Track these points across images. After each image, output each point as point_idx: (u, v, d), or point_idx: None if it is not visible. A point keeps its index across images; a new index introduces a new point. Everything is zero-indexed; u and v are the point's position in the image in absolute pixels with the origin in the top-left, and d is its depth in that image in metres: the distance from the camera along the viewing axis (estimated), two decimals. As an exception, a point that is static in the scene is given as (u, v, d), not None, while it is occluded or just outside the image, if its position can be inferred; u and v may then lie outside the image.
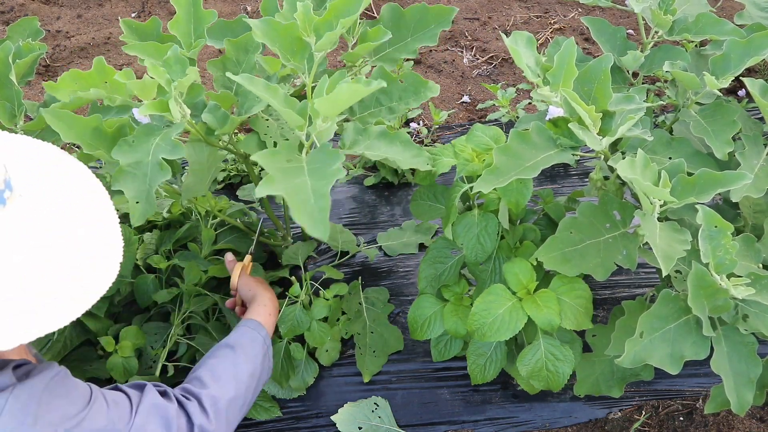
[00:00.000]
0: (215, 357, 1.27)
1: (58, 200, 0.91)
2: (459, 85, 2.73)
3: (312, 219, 1.01)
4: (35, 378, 0.89)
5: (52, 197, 0.91)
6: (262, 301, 1.47)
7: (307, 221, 1.01)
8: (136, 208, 1.14)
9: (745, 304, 1.17)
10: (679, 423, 1.60)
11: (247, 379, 1.25)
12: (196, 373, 1.23)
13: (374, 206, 2.21)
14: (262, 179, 1.04)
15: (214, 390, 1.18)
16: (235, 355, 1.27)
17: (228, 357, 1.27)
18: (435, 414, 1.65)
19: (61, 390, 0.92)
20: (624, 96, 1.20)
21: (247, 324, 1.37)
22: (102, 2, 3.33)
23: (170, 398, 1.10)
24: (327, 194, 1.03)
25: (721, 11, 2.81)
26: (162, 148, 1.17)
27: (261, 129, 1.39)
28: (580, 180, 2.24)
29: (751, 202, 1.38)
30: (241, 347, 1.30)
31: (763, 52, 1.25)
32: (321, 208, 1.03)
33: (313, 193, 1.04)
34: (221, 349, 1.29)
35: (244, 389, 1.23)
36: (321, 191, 1.04)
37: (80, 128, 1.20)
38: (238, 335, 1.34)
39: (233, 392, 1.20)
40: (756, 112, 2.26)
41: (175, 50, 1.19)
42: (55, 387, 0.91)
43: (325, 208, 1.02)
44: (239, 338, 1.33)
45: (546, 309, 1.31)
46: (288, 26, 1.21)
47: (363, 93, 1.11)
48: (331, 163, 1.09)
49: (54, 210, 0.89)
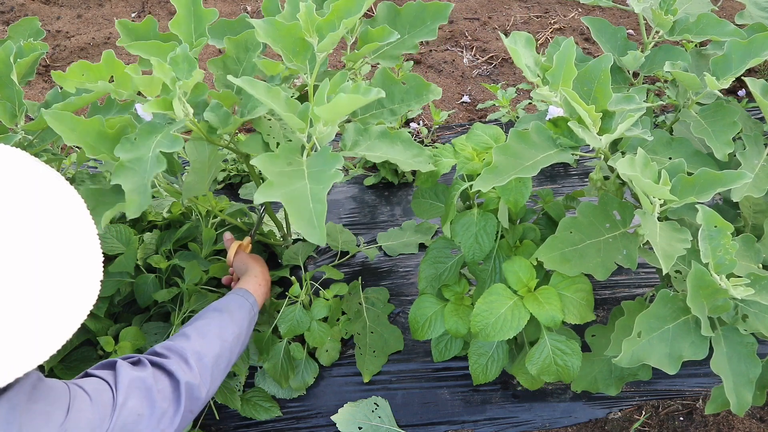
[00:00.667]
0: (202, 318, 1.29)
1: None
2: (459, 85, 2.73)
3: (310, 225, 1.03)
4: (14, 388, 0.84)
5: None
6: (253, 273, 1.51)
7: (305, 227, 1.03)
8: (133, 202, 1.14)
9: (745, 304, 1.17)
10: (679, 423, 1.60)
11: (232, 339, 1.27)
12: (182, 329, 1.24)
13: (374, 206, 2.21)
14: (262, 184, 1.05)
15: (199, 345, 1.18)
16: (221, 317, 1.30)
17: (215, 318, 1.29)
18: (435, 414, 1.65)
19: (39, 395, 0.88)
20: (624, 96, 1.20)
21: (237, 291, 1.42)
22: (102, 2, 3.33)
23: (144, 365, 1.07)
24: (324, 199, 1.05)
25: (721, 11, 2.81)
26: (162, 144, 1.17)
27: (264, 129, 1.39)
28: (580, 180, 2.24)
29: (751, 202, 1.38)
30: (228, 311, 1.32)
31: (764, 53, 1.25)
32: (318, 213, 1.04)
33: (311, 198, 1.05)
34: (208, 312, 1.31)
35: (228, 349, 1.25)
36: (319, 196, 1.06)
37: (83, 131, 1.19)
38: (226, 300, 1.37)
39: (218, 349, 1.21)
40: (756, 112, 2.27)
41: (184, 48, 1.19)
42: (33, 393, 0.87)
43: (322, 213, 1.03)
44: (227, 303, 1.35)
45: (548, 305, 1.31)
46: (291, 26, 1.22)
47: (362, 102, 1.11)
48: (330, 167, 1.10)
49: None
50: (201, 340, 1.19)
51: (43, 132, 1.44)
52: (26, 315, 0.78)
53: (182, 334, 1.21)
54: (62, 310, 0.82)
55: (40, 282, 0.80)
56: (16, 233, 0.80)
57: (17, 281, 0.78)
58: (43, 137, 1.46)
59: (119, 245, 1.62)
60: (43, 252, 0.82)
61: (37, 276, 0.80)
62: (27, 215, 0.83)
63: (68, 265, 0.84)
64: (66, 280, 0.83)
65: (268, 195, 1.05)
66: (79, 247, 0.87)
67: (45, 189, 0.88)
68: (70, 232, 0.87)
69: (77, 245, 0.87)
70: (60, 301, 0.82)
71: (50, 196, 0.88)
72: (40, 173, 0.90)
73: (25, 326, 0.78)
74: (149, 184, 1.14)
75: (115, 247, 1.62)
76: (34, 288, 0.79)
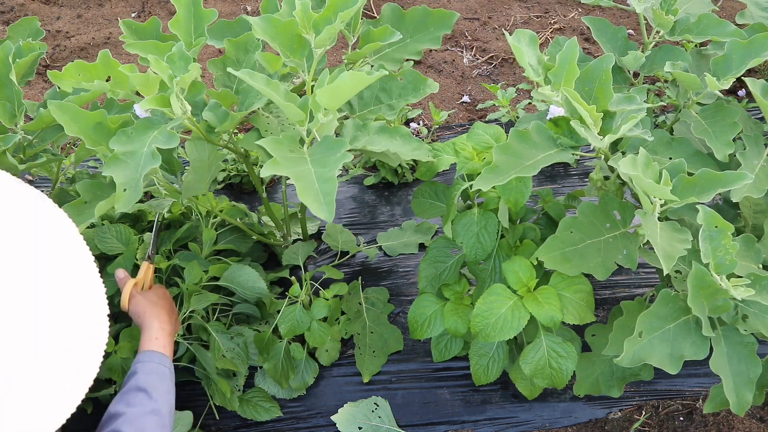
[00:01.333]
0: (131, 405, 1.16)
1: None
2: (459, 85, 2.73)
3: (318, 201, 1.04)
4: None
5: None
6: (149, 328, 1.34)
7: (312, 203, 1.04)
8: (123, 195, 1.14)
9: (745, 304, 1.17)
10: (679, 423, 1.60)
11: (169, 422, 1.19)
12: (117, 427, 1.11)
13: (374, 206, 2.21)
14: (268, 161, 1.06)
15: None
16: (151, 400, 1.18)
17: (146, 404, 1.17)
18: (435, 414, 1.65)
19: None
20: (625, 96, 1.20)
21: (150, 357, 1.27)
22: (102, 2, 3.32)
23: None
24: (333, 178, 1.06)
25: (721, 11, 2.81)
26: (158, 140, 1.17)
27: (262, 126, 1.39)
28: (580, 180, 2.24)
29: (751, 202, 1.38)
30: (154, 389, 1.20)
31: (765, 54, 1.25)
32: (326, 191, 1.05)
33: (317, 179, 1.07)
34: (135, 395, 1.18)
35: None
36: (326, 176, 1.07)
37: (84, 122, 1.20)
38: (145, 375, 1.23)
39: None
40: (756, 112, 2.26)
41: (179, 47, 1.20)
42: None
43: (331, 192, 1.05)
44: (148, 378, 1.22)
45: (547, 305, 1.31)
46: (287, 23, 1.22)
47: (366, 82, 1.11)
48: (334, 152, 1.11)
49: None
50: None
51: (43, 132, 1.44)
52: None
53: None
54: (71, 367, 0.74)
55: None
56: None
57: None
58: (43, 137, 1.46)
59: (119, 245, 1.62)
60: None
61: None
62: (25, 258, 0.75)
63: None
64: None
65: (275, 169, 1.08)
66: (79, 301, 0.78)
67: (38, 220, 0.81)
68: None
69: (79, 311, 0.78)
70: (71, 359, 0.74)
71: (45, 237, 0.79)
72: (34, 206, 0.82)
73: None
74: (141, 178, 1.14)
75: (115, 247, 1.61)
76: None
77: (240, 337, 1.61)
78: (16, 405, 0.70)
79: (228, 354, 1.57)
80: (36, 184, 2.28)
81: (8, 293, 0.71)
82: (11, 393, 0.69)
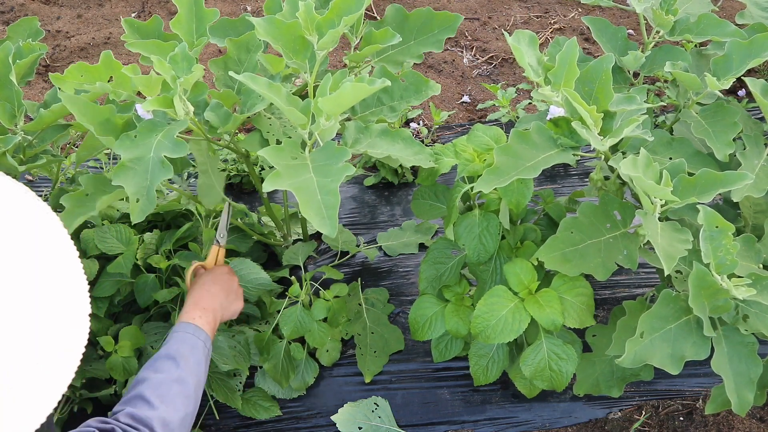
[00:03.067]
0: (158, 371, 1.17)
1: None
2: (459, 85, 2.73)
3: (320, 215, 1.02)
4: None
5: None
6: (195, 302, 1.35)
7: (314, 217, 1.02)
8: (136, 206, 1.14)
9: (746, 304, 1.17)
10: (679, 423, 1.60)
11: (194, 393, 1.19)
12: (140, 391, 1.13)
13: (374, 206, 2.21)
14: (270, 174, 1.05)
15: (164, 411, 1.10)
16: (179, 369, 1.18)
17: (172, 372, 1.18)
18: (435, 414, 1.65)
19: None
20: (625, 96, 1.20)
21: (185, 328, 1.27)
22: (102, 2, 3.32)
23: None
24: (335, 191, 1.04)
25: (721, 11, 2.81)
26: (164, 146, 1.17)
27: (264, 127, 1.39)
28: (580, 180, 2.24)
29: (751, 202, 1.38)
30: (183, 358, 1.20)
31: (765, 54, 1.25)
32: (329, 204, 1.03)
33: (319, 190, 1.04)
34: (163, 362, 1.19)
35: (193, 405, 1.18)
36: (328, 188, 1.05)
37: (93, 115, 1.21)
38: (177, 343, 1.24)
39: (183, 411, 1.14)
40: (756, 112, 2.26)
41: (182, 47, 1.20)
42: None
43: (334, 205, 1.03)
44: (179, 347, 1.23)
45: (548, 308, 1.31)
46: (290, 24, 1.22)
47: (367, 92, 1.11)
48: (336, 161, 1.09)
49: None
50: (164, 405, 1.11)
51: (43, 132, 1.44)
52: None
53: (141, 397, 1.11)
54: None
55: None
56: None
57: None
58: (43, 137, 1.45)
59: (119, 245, 1.62)
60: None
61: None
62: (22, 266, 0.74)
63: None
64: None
65: (277, 184, 1.05)
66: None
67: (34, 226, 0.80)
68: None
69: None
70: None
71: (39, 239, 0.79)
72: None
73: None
74: (153, 187, 1.14)
75: (115, 247, 1.61)
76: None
77: (241, 335, 1.61)
78: (16, 405, 0.70)
79: (229, 352, 1.57)
80: (36, 184, 2.28)
81: (8, 293, 0.71)
82: (11, 393, 0.69)
